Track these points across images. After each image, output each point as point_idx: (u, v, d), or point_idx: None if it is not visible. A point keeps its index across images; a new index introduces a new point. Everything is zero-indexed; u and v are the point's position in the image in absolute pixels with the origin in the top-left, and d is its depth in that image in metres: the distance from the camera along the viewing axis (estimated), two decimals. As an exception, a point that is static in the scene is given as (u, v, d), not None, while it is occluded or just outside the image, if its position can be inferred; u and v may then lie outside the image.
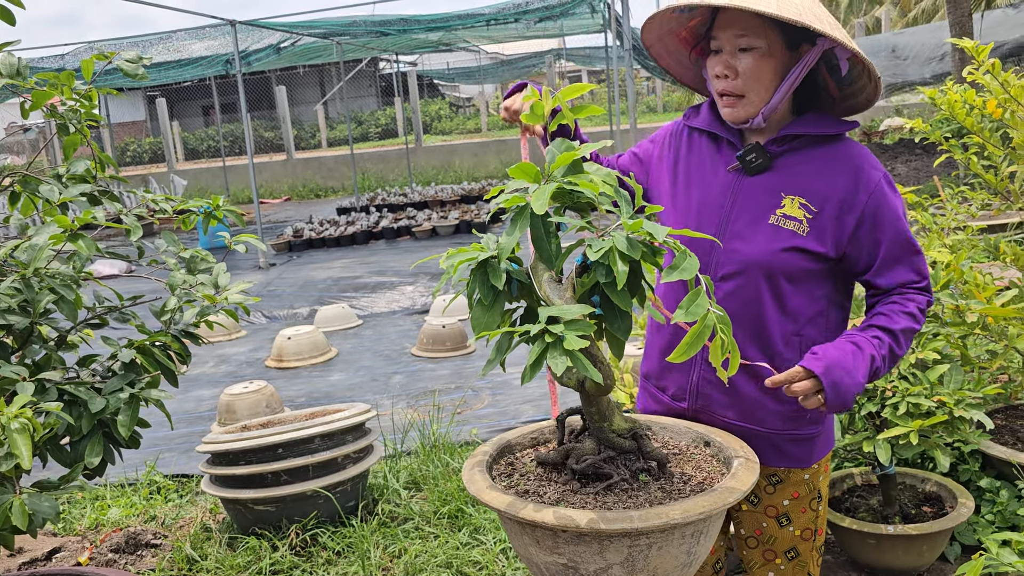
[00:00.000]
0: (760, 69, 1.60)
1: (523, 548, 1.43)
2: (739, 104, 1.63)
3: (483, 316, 1.36)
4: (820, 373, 1.51)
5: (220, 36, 12.11)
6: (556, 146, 1.39)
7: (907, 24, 19.87)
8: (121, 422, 1.95)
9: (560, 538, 1.34)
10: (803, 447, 1.75)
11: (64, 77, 2.12)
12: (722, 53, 1.62)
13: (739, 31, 1.58)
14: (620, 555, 1.33)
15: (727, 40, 1.61)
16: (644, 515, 1.31)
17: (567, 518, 1.30)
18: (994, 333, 2.74)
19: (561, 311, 1.29)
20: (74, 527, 3.63)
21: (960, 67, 8.97)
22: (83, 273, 2.07)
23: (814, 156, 1.66)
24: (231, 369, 6.30)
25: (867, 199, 1.61)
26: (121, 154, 25.97)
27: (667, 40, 1.76)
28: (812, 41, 1.59)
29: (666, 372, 1.82)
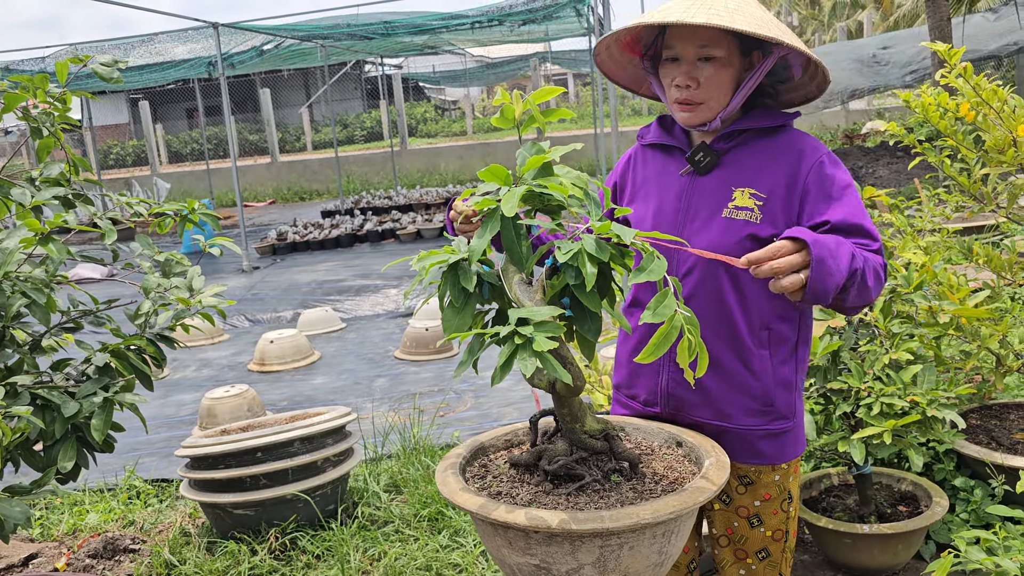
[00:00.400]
0: (720, 77, 1.66)
1: (496, 550, 1.43)
2: (697, 110, 1.68)
3: (454, 318, 1.37)
4: (810, 242, 1.40)
5: (203, 39, 12.06)
6: (527, 149, 1.40)
7: (888, 28, 20.05)
8: (95, 426, 1.95)
9: (532, 539, 1.34)
10: (774, 443, 1.77)
11: (38, 80, 2.11)
12: (680, 62, 1.67)
13: (701, 42, 1.64)
14: (592, 555, 1.34)
15: (688, 51, 1.66)
16: (615, 515, 1.31)
17: (538, 519, 1.31)
18: (967, 334, 2.77)
19: (531, 313, 1.29)
20: (51, 532, 3.60)
21: (937, 71, 9.06)
22: (57, 276, 2.06)
23: (760, 148, 1.70)
24: (213, 373, 6.27)
25: (809, 173, 1.65)
26: (104, 157, 25.80)
27: (612, 47, 1.81)
28: (763, 49, 1.67)
29: (636, 379, 1.84)
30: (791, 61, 1.70)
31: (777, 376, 1.73)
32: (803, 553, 2.98)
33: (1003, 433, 3.10)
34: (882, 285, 1.55)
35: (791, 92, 1.78)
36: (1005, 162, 2.83)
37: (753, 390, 1.71)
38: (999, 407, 3.34)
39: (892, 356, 2.52)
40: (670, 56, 1.69)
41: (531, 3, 10.49)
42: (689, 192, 1.73)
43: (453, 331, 1.35)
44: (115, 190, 9.38)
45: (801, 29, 29.56)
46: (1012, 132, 2.75)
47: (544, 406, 1.82)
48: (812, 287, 1.40)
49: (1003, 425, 3.18)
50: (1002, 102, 2.74)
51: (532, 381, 1.42)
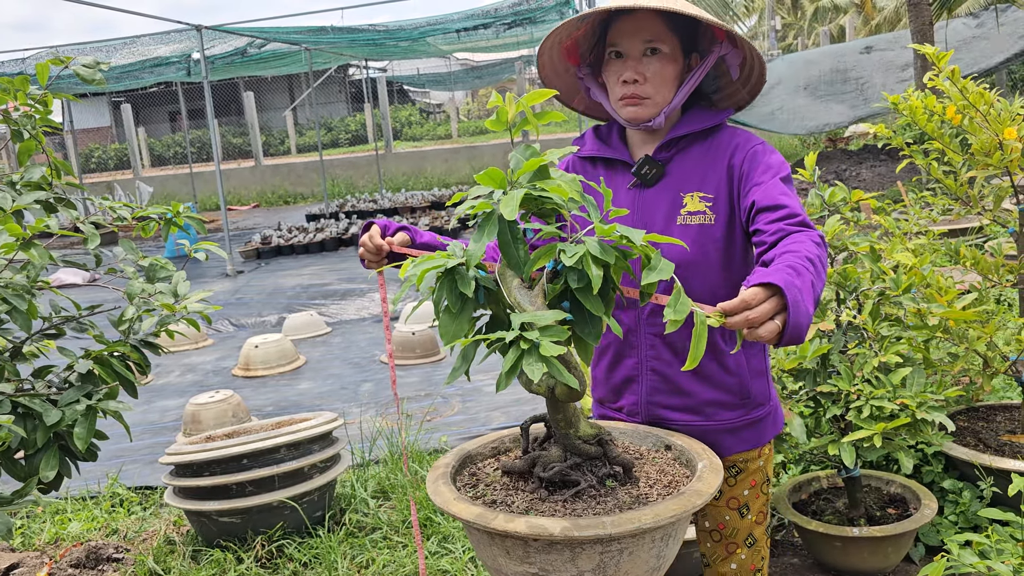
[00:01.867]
0: (666, 72, 1.70)
1: (491, 559, 1.41)
2: (644, 104, 1.71)
3: (451, 324, 1.35)
4: (784, 286, 1.30)
5: (186, 41, 11.97)
6: (521, 152, 1.38)
7: (870, 32, 20.21)
8: (77, 434, 1.91)
9: (531, 547, 1.32)
10: (756, 430, 1.81)
11: (18, 82, 2.07)
12: (626, 58, 1.70)
13: (648, 36, 1.67)
14: (592, 562, 1.33)
15: (633, 46, 1.69)
16: (616, 520, 1.30)
17: (539, 527, 1.29)
18: (955, 336, 2.77)
19: (534, 317, 1.28)
20: (33, 542, 3.55)
21: (922, 73, 9.13)
22: (39, 282, 2.02)
23: (700, 151, 1.74)
24: (197, 378, 6.20)
25: (744, 160, 1.69)
26: (86, 160, 25.58)
27: (554, 50, 1.81)
28: (700, 52, 1.74)
29: (617, 394, 1.85)
30: (728, 63, 1.74)
31: (751, 368, 1.78)
32: (793, 556, 2.98)
33: (991, 435, 3.11)
34: (825, 250, 1.53)
35: (724, 100, 1.84)
36: (991, 165, 2.84)
37: (730, 386, 1.76)
38: (986, 409, 3.35)
39: (881, 359, 2.52)
40: (615, 52, 1.71)
41: (517, 7, 10.49)
42: (640, 205, 1.75)
43: (451, 337, 1.33)
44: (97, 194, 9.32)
45: (784, 33, 29.76)
46: (998, 135, 2.76)
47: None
48: (789, 333, 1.31)
49: (990, 427, 3.19)
50: (988, 105, 2.75)
51: (530, 387, 1.40)
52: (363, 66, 19.58)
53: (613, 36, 1.71)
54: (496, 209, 1.32)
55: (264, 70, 15.83)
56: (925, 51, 2.70)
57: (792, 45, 26.99)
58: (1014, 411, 3.31)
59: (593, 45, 1.79)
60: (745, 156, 1.69)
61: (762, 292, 1.32)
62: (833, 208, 2.86)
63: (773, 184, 1.62)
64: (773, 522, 3.15)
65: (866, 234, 2.79)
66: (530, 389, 1.41)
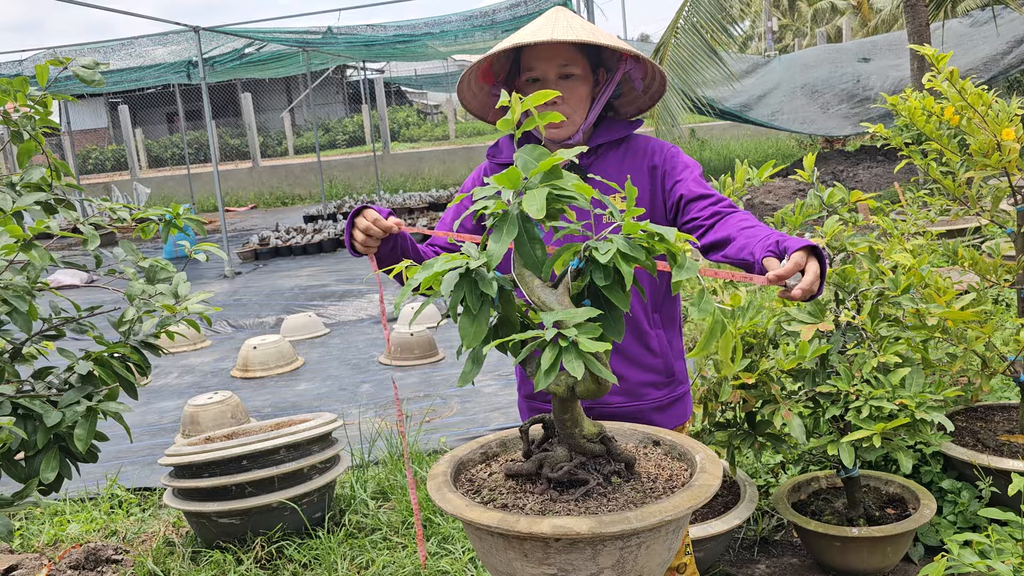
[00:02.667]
0: (580, 93, 1.87)
1: (505, 564, 1.40)
2: (563, 125, 1.87)
3: (471, 326, 1.34)
4: (821, 247, 1.54)
5: (184, 42, 11.96)
6: (528, 152, 1.38)
7: (867, 33, 20.24)
8: (78, 436, 1.91)
9: (552, 548, 1.32)
10: (679, 405, 2.03)
11: (17, 83, 2.07)
12: (542, 82, 1.85)
13: (562, 61, 1.84)
14: (612, 558, 1.33)
15: (550, 70, 1.85)
16: (640, 515, 1.31)
17: (565, 527, 1.29)
18: (954, 336, 2.78)
19: (568, 315, 1.30)
20: (32, 543, 3.54)
21: (919, 74, 9.15)
22: (38, 284, 2.02)
23: (617, 156, 1.92)
24: (196, 379, 6.20)
25: (665, 161, 1.91)
26: (83, 162, 25.54)
27: (471, 74, 1.94)
28: (606, 66, 1.91)
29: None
30: (632, 76, 1.93)
31: (673, 349, 2.00)
32: (792, 556, 2.98)
33: (989, 435, 3.12)
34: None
35: (627, 106, 2.01)
36: (989, 165, 2.85)
37: (657, 367, 1.96)
38: (984, 409, 3.36)
39: (880, 359, 2.52)
40: (531, 78, 1.86)
41: (514, 8, 10.49)
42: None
43: (471, 339, 1.33)
44: (94, 195, 9.28)
45: (780, 34, 29.80)
46: (996, 136, 2.77)
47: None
48: (822, 287, 1.49)
49: (988, 427, 3.20)
50: (987, 106, 2.76)
51: (549, 386, 1.41)
52: (360, 67, 19.58)
53: (528, 61, 1.86)
54: (512, 209, 1.32)
55: (262, 72, 15.81)
56: (924, 52, 2.70)
57: (789, 46, 27.03)
58: (1012, 411, 3.31)
59: (507, 67, 1.95)
60: (664, 157, 1.90)
61: (804, 255, 1.48)
62: (831, 209, 2.86)
63: (694, 179, 1.86)
64: (772, 522, 3.16)
65: (864, 235, 2.79)
66: (548, 389, 1.41)
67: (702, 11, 9.19)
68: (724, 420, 2.73)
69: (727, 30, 9.42)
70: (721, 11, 9.32)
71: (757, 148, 17.12)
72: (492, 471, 1.61)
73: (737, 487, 3.03)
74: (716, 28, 9.19)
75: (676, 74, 9.05)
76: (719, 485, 1.42)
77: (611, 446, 1.51)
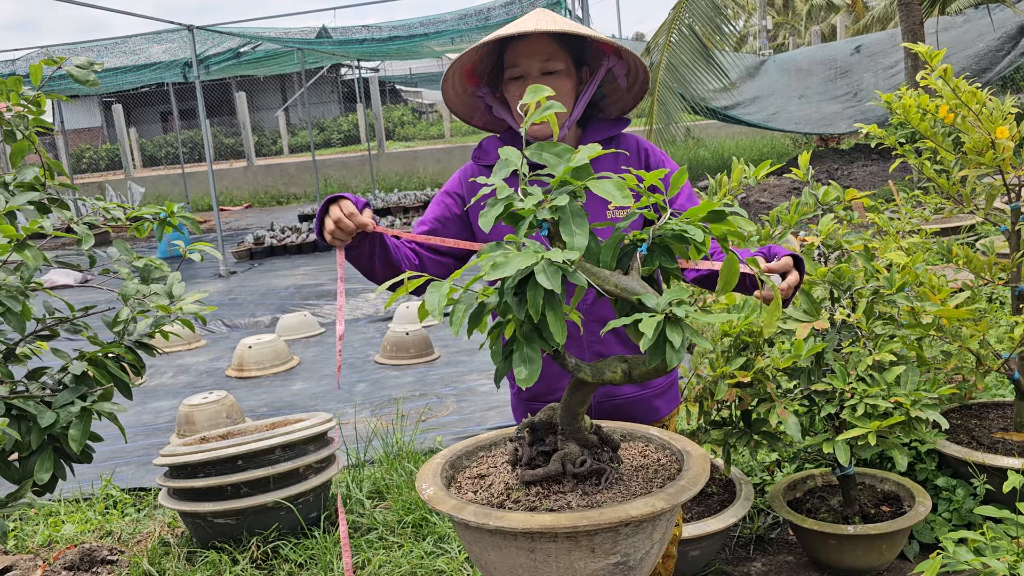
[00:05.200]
0: (564, 88, 1.88)
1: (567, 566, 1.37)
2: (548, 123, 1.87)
3: (556, 321, 1.33)
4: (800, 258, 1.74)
5: (178, 41, 11.94)
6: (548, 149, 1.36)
7: (860, 31, 20.28)
8: (72, 436, 1.90)
9: (620, 534, 1.36)
10: (674, 389, 2.14)
11: (11, 82, 2.06)
12: (526, 79, 1.87)
13: (544, 57, 1.86)
14: (660, 531, 1.43)
15: (532, 66, 1.87)
16: (683, 488, 1.41)
17: (651, 505, 1.35)
18: (948, 334, 2.79)
19: (673, 294, 1.33)
20: (26, 544, 3.53)
21: (913, 72, 9.17)
22: (32, 284, 2.01)
23: (610, 155, 1.93)
24: (190, 379, 6.18)
25: (656, 164, 1.99)
26: (77, 161, 25.47)
27: (455, 75, 1.96)
28: (590, 64, 1.94)
29: (557, 382, 1.95)
30: (616, 73, 1.93)
31: None
32: (788, 554, 2.99)
33: (983, 432, 3.13)
34: None
35: (612, 106, 2.04)
36: (984, 164, 2.85)
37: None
38: (978, 406, 3.37)
39: (875, 357, 2.52)
40: (515, 75, 1.88)
41: (509, 6, 10.49)
42: None
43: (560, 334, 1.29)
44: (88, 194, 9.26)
45: (775, 32, 29.82)
46: (990, 134, 2.78)
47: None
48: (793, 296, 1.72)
49: (983, 424, 3.21)
50: (981, 104, 2.76)
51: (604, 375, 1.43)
52: (355, 66, 19.55)
53: (511, 58, 1.88)
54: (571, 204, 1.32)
55: (257, 70, 15.78)
56: (918, 50, 2.71)
57: (783, 44, 27.06)
58: (1006, 408, 3.32)
59: (491, 67, 1.96)
60: (657, 161, 1.99)
61: (791, 260, 1.70)
62: (826, 207, 2.87)
63: (687, 196, 1.96)
64: (768, 520, 3.16)
65: (859, 233, 2.80)
66: (603, 379, 1.43)
67: (696, 11, 9.19)
68: (720, 418, 2.73)
69: (721, 29, 9.42)
70: (715, 10, 9.33)
71: (752, 147, 17.13)
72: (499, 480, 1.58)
73: (733, 485, 3.03)
74: (711, 28, 9.20)
75: (672, 75, 9.05)
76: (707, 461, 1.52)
77: (603, 434, 1.56)
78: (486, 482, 1.56)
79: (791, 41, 25.43)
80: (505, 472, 1.59)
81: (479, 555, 1.45)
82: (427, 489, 1.48)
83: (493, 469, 1.62)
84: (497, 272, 1.23)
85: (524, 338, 1.31)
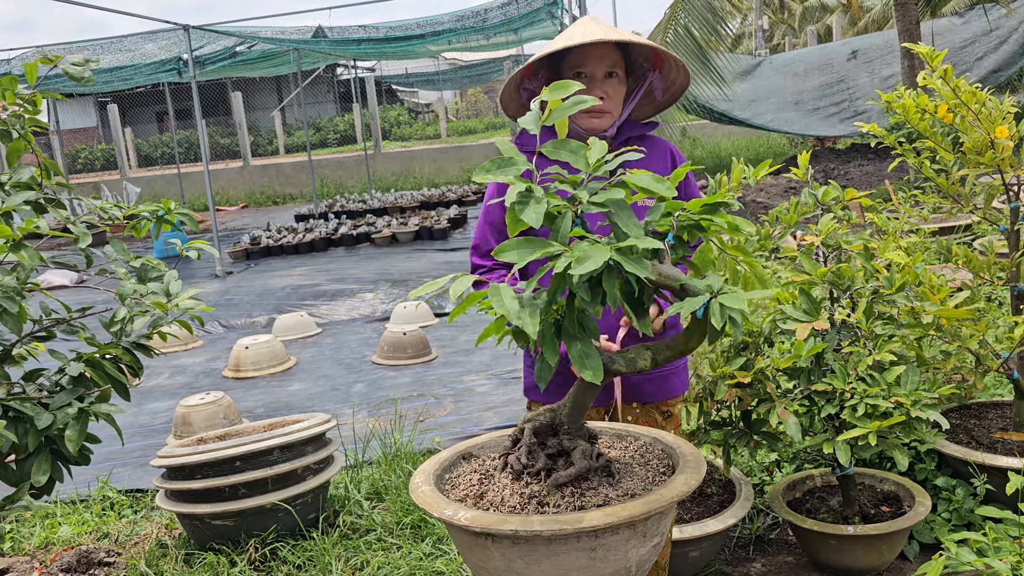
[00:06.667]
0: (620, 92, 2.13)
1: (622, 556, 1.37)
2: (604, 117, 2.11)
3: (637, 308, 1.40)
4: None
5: (174, 40, 11.90)
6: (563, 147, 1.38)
7: (857, 32, 20.31)
8: (69, 438, 1.88)
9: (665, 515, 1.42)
10: (683, 373, 2.33)
11: (7, 81, 2.05)
12: (591, 79, 2.08)
13: (611, 62, 2.08)
14: (668, 517, 1.49)
15: (599, 70, 2.08)
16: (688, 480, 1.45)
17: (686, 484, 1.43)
18: (948, 334, 2.78)
19: (714, 279, 1.37)
20: (22, 547, 3.51)
21: (910, 72, 9.17)
22: (28, 284, 2.00)
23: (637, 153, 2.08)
24: (187, 380, 6.16)
25: (679, 163, 2.19)
26: (72, 161, 25.40)
27: (517, 77, 2.17)
28: (634, 72, 2.17)
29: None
30: (655, 85, 2.19)
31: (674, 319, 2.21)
32: (788, 555, 2.98)
33: (983, 432, 3.12)
34: None
35: (639, 109, 2.28)
36: (983, 163, 2.85)
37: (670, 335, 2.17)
38: (978, 406, 3.37)
39: (875, 357, 2.52)
40: (579, 72, 2.08)
41: (506, 6, 10.48)
42: None
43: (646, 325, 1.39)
44: (84, 194, 9.16)
45: (771, 33, 29.85)
46: (990, 134, 2.77)
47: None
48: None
49: (982, 424, 3.21)
50: (980, 104, 2.76)
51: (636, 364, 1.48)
52: (351, 66, 19.52)
53: (578, 59, 2.07)
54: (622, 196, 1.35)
55: (253, 71, 15.75)
56: (918, 50, 2.70)
57: (779, 45, 27.09)
58: (1006, 408, 3.32)
59: (544, 68, 2.16)
60: (681, 158, 2.20)
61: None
62: (826, 207, 2.86)
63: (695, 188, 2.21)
64: (768, 520, 3.16)
65: (857, 233, 2.79)
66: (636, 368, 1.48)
67: (692, 11, 9.19)
68: (720, 419, 2.72)
69: (717, 30, 9.43)
70: (711, 11, 9.33)
71: (749, 146, 17.15)
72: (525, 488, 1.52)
73: (732, 486, 3.03)
74: (707, 30, 9.20)
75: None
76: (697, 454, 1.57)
77: (591, 430, 1.59)
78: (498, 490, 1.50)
79: (787, 41, 25.46)
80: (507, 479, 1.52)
81: (523, 570, 1.36)
82: (462, 515, 1.38)
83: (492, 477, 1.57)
84: (583, 266, 1.21)
85: (577, 334, 1.30)
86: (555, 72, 2.15)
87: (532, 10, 10.71)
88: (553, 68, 2.15)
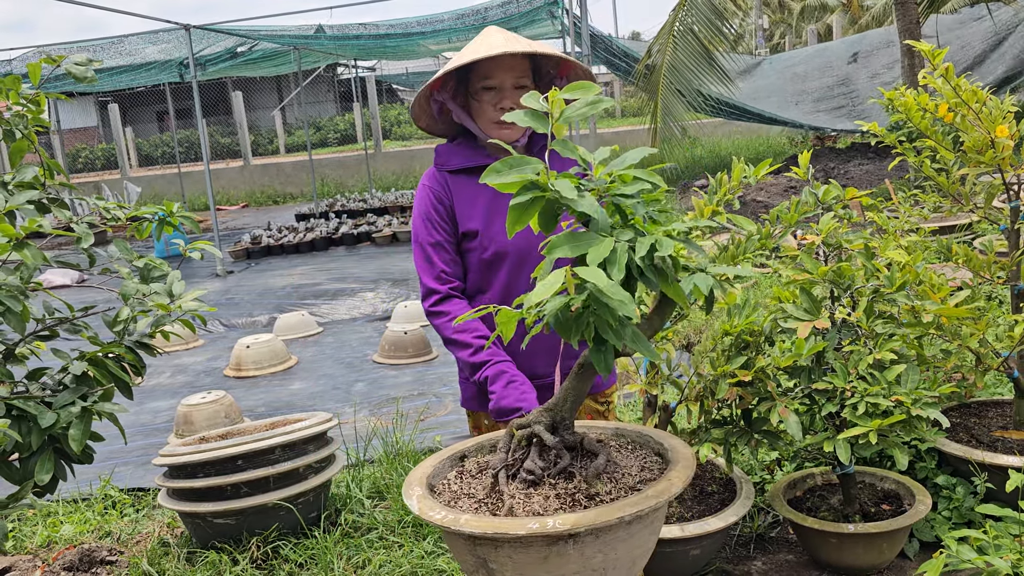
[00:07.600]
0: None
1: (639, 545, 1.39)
2: (515, 127, 2.11)
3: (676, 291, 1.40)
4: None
5: (175, 40, 11.91)
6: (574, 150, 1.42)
7: (857, 31, 20.31)
8: (72, 437, 1.89)
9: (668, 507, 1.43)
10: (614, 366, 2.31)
11: (10, 81, 2.06)
12: (500, 91, 2.11)
13: (519, 73, 2.11)
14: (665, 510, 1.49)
15: (507, 80, 2.11)
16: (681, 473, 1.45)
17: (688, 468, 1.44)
18: (948, 333, 2.79)
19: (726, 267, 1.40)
20: (25, 545, 3.52)
21: (910, 71, 9.18)
22: (31, 283, 2.00)
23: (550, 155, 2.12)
24: (188, 379, 6.17)
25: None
26: (73, 161, 25.41)
27: (425, 91, 2.16)
28: (545, 80, 2.19)
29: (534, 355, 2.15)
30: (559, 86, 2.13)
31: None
32: (788, 553, 2.99)
33: (983, 431, 3.13)
34: None
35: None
36: (983, 162, 2.85)
37: None
38: (978, 405, 3.37)
39: (876, 356, 2.52)
40: (488, 86, 2.11)
41: (506, 5, 10.48)
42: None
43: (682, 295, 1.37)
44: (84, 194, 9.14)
45: (771, 32, 29.85)
46: (990, 133, 2.78)
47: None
48: None
49: (982, 423, 3.21)
50: (981, 103, 2.76)
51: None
52: (352, 65, 19.52)
53: (485, 71, 2.09)
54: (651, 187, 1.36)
55: (254, 71, 15.75)
56: (921, 48, 2.71)
57: (779, 44, 27.09)
58: (1006, 407, 3.33)
59: (452, 80, 2.16)
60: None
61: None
62: (826, 206, 2.86)
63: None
64: (768, 519, 3.16)
65: (858, 232, 2.80)
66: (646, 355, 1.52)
67: (696, 12, 9.20)
68: (720, 417, 2.73)
69: (721, 31, 9.45)
70: (715, 12, 9.35)
71: (748, 146, 17.15)
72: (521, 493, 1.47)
73: (733, 484, 3.03)
74: (711, 31, 9.22)
75: (674, 76, 9.08)
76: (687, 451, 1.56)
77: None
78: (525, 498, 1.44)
79: (787, 40, 25.45)
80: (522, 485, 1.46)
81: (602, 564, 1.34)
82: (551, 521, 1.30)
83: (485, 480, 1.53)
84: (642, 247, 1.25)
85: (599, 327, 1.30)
86: (464, 84, 2.16)
87: (532, 8, 10.71)
88: (461, 80, 2.17)
